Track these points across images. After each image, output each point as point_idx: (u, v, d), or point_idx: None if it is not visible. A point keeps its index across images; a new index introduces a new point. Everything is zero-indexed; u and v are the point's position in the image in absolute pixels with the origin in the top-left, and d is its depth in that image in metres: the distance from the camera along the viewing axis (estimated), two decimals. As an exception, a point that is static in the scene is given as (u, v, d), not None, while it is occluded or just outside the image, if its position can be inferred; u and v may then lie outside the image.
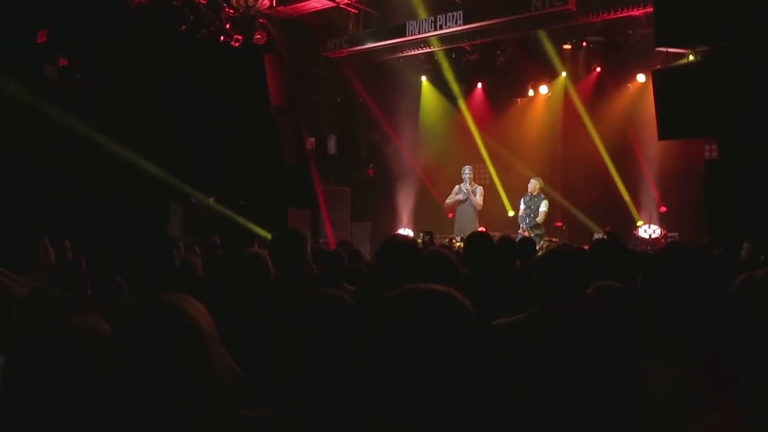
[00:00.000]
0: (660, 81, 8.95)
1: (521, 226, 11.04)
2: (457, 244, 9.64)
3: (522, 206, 11.24)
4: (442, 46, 12.51)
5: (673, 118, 8.61)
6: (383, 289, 3.11)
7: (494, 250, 3.95)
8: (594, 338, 1.50)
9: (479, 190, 11.55)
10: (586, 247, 7.76)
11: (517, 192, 11.57)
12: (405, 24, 12.05)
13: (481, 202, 11.46)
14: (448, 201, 11.83)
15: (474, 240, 4.09)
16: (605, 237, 8.65)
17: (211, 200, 11.51)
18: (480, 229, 11.35)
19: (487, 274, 3.76)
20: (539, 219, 10.97)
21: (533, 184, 11.20)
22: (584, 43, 12.41)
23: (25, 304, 2.25)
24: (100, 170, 10.15)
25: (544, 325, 1.55)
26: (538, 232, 10.84)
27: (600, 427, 1.46)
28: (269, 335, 2.74)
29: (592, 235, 10.32)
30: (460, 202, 11.56)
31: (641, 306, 2.13)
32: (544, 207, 11.00)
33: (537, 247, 7.49)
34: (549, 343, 1.49)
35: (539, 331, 1.56)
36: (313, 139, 13.07)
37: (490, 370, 1.35)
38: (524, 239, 7.54)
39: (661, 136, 8.98)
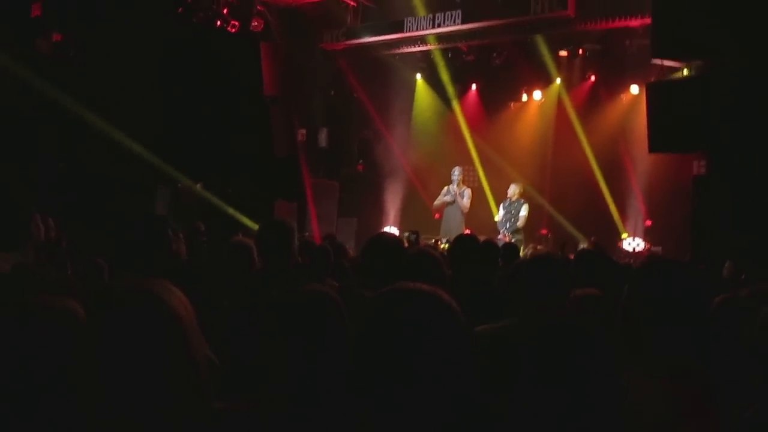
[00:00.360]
0: (654, 93, 8.97)
1: (501, 231, 11.05)
2: (442, 246, 9.63)
3: (501, 212, 11.26)
4: (438, 44, 12.50)
5: (664, 131, 8.63)
6: (367, 287, 3.10)
7: (480, 253, 3.94)
8: (578, 346, 1.50)
9: (467, 192, 11.56)
10: (571, 257, 7.82)
11: (505, 197, 11.57)
12: (403, 20, 12.03)
13: (468, 205, 11.46)
14: (436, 203, 11.84)
15: (460, 242, 4.08)
16: (590, 248, 8.67)
17: (198, 186, 11.44)
18: (466, 232, 11.38)
19: (471, 277, 3.74)
20: (519, 224, 11.01)
21: (513, 190, 11.23)
22: (580, 51, 12.43)
23: (6, 280, 2.20)
24: (88, 148, 10.07)
25: (528, 332, 1.55)
26: (519, 237, 10.88)
27: None
28: (253, 326, 2.72)
29: (577, 245, 10.35)
30: (448, 203, 11.57)
31: (623, 318, 2.13)
32: (524, 212, 11.03)
33: (521, 254, 7.48)
34: (532, 351, 1.49)
35: (523, 338, 1.56)
36: (304, 131, 13.03)
37: (474, 373, 1.34)
38: (507, 245, 7.56)
39: (652, 149, 8.99)
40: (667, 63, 9.62)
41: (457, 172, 11.57)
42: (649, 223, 11.92)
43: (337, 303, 2.02)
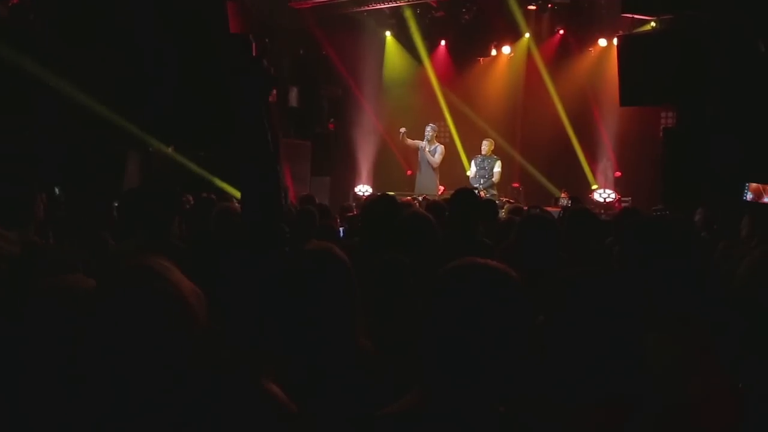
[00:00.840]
0: (625, 47, 9.06)
1: (476, 186, 11.09)
2: (419, 205, 9.66)
3: (473, 168, 11.28)
4: (408, 0, 12.42)
5: (635, 85, 8.75)
6: (372, 247, 3.16)
7: (481, 210, 4.00)
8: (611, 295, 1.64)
9: (439, 149, 11.53)
10: (547, 209, 7.97)
11: (477, 152, 11.65)
12: (372, -25, 11.90)
13: (438, 161, 11.42)
14: (408, 141, 11.70)
15: (462, 198, 4.05)
16: (571, 203, 8.82)
17: (170, 149, 11.29)
18: (440, 188, 11.45)
19: (472, 234, 3.81)
20: (495, 179, 11.10)
21: (486, 146, 11.27)
22: (549, 5, 12.45)
23: (19, 263, 2.20)
24: (54, 115, 9.85)
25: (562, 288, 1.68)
26: (494, 192, 10.98)
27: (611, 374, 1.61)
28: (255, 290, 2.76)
29: (556, 200, 10.51)
30: (420, 158, 11.59)
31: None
32: (498, 167, 11.10)
33: (501, 210, 7.60)
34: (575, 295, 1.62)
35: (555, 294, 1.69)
36: (274, 91, 12.86)
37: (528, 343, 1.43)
38: (486, 201, 7.63)
39: (623, 102, 9.12)
40: (638, 16, 9.68)
41: (429, 130, 11.55)
42: (618, 174, 12.16)
43: (344, 260, 2.09)
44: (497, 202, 10.08)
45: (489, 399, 1.38)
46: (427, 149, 11.43)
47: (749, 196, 8.09)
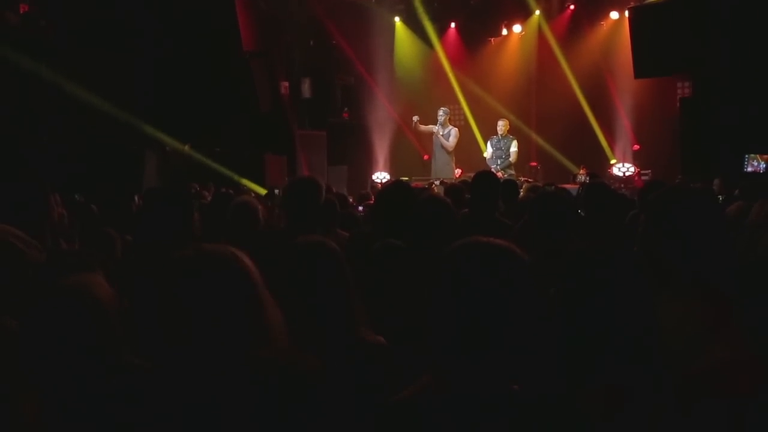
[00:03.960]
0: (637, 18, 8.95)
1: (493, 167, 11.00)
2: (436, 189, 9.63)
3: (490, 148, 11.16)
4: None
5: (649, 56, 8.65)
6: (377, 235, 3.15)
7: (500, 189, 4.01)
8: (617, 273, 1.61)
9: (453, 131, 11.41)
10: (566, 186, 7.92)
11: (492, 133, 11.56)
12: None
13: (452, 144, 11.29)
14: (421, 127, 11.63)
15: (482, 179, 4.06)
16: (590, 178, 8.75)
17: (186, 147, 11.37)
18: (456, 171, 11.39)
19: (489, 214, 3.80)
20: (512, 159, 11.00)
21: (502, 126, 11.14)
22: (558, -20, 12.35)
23: (43, 269, 2.22)
24: (70, 119, 9.96)
25: (570, 263, 1.66)
26: (511, 172, 10.89)
27: (619, 356, 1.58)
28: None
29: (574, 176, 10.43)
30: (434, 142, 11.52)
31: (644, 245, 2.21)
32: (514, 147, 10.97)
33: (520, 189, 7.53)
34: (576, 280, 1.59)
35: (563, 269, 1.67)
36: (287, 83, 12.88)
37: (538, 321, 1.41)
38: (506, 181, 7.58)
39: (637, 74, 9.03)
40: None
41: (441, 113, 11.44)
42: (637, 147, 12.05)
43: (333, 252, 2.09)
44: (522, 182, 10.02)
45: (501, 377, 1.38)
46: (441, 133, 11.34)
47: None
